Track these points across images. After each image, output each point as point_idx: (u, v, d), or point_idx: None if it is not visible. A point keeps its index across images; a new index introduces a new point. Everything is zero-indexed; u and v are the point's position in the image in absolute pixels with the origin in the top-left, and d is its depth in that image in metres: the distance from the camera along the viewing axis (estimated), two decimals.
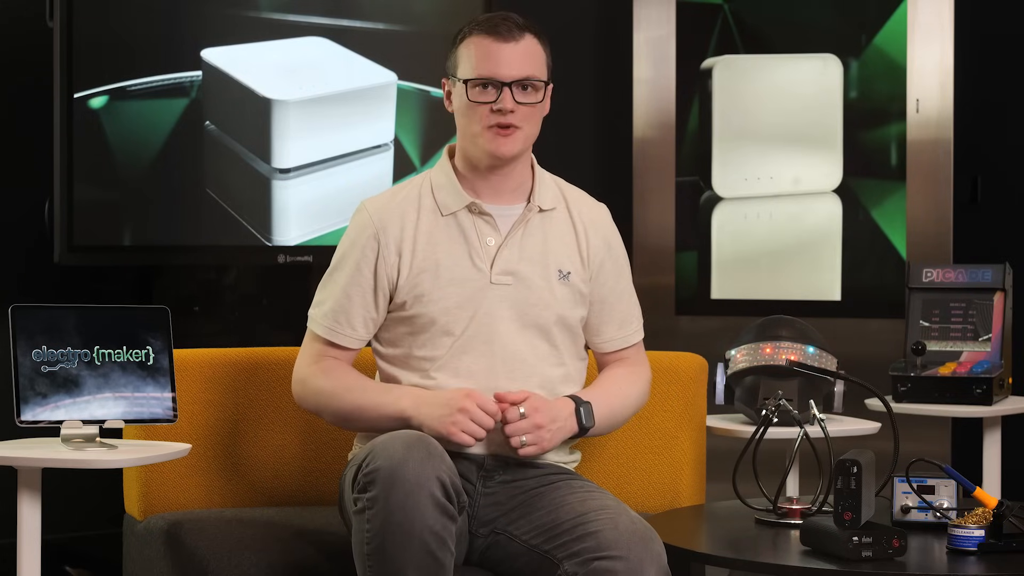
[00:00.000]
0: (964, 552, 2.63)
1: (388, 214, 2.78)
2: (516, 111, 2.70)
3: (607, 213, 2.89)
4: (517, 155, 2.75)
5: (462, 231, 2.76)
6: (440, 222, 2.77)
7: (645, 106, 4.60)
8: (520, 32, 2.72)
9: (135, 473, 3.11)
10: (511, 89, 2.70)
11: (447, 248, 2.75)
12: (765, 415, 3.02)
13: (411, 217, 2.77)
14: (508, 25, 2.72)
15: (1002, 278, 3.68)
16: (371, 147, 4.24)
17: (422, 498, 2.42)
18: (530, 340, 2.75)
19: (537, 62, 2.74)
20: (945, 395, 3.57)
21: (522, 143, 2.74)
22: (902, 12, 4.37)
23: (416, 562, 2.42)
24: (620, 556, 2.48)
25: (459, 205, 2.77)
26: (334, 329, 2.78)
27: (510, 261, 2.75)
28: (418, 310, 2.73)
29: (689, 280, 4.57)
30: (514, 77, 2.70)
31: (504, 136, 2.71)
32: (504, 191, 2.78)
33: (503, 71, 2.70)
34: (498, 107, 2.70)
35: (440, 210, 2.77)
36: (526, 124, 2.73)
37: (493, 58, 2.70)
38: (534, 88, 2.72)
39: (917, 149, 4.37)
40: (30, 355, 2.72)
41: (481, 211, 2.76)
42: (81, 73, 3.83)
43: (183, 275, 4.23)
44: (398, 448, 2.46)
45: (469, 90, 2.72)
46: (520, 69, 2.70)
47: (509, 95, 2.70)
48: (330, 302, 2.79)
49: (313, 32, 4.17)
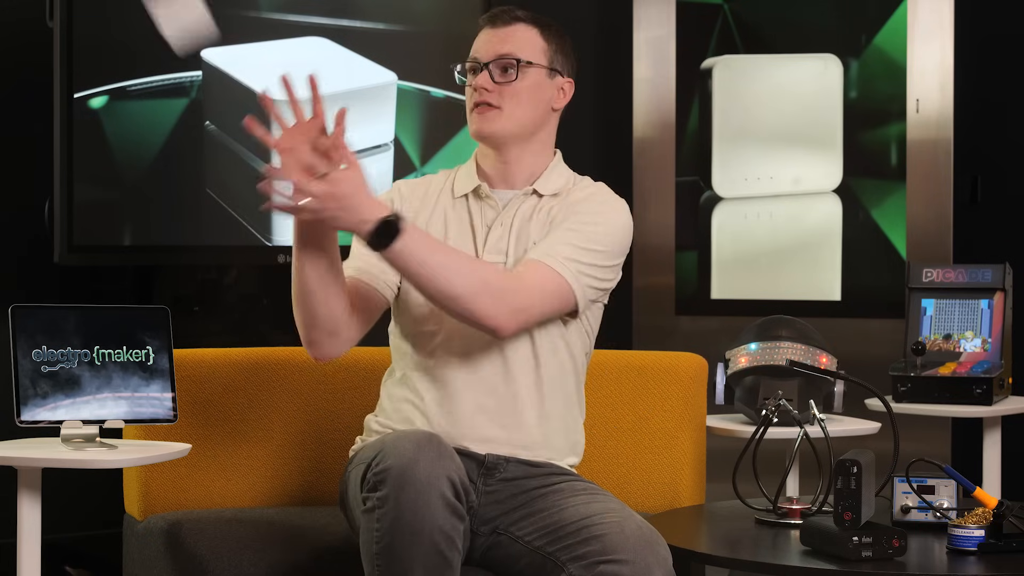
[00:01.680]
0: (964, 552, 2.63)
1: (412, 189, 2.86)
2: (493, 90, 2.75)
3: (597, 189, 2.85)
4: (499, 135, 2.78)
5: (468, 212, 2.82)
6: (454, 204, 2.83)
7: (645, 106, 4.60)
8: (512, 19, 2.80)
9: (135, 473, 3.11)
10: (489, 69, 2.76)
11: (455, 228, 2.80)
12: (765, 415, 3.02)
13: (432, 196, 2.84)
14: (504, 15, 2.80)
15: (1002, 278, 3.68)
16: (371, 147, 4.24)
17: (433, 498, 2.41)
18: None
19: (521, 44, 2.78)
20: (945, 395, 3.57)
21: (502, 123, 2.77)
22: (902, 12, 4.37)
23: (425, 561, 2.42)
24: (627, 560, 2.48)
25: (468, 188, 2.83)
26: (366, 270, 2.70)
27: (501, 241, 2.78)
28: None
29: (689, 280, 4.57)
30: (490, 57, 2.77)
31: (482, 114, 2.76)
32: (514, 178, 2.83)
33: (482, 51, 2.78)
34: (473, 85, 2.77)
35: (454, 193, 2.83)
36: (506, 104, 2.76)
37: (480, 42, 2.80)
38: (515, 69, 2.76)
39: (917, 149, 4.37)
40: (30, 355, 2.72)
41: (486, 195, 2.81)
42: (81, 73, 3.83)
43: (183, 275, 4.22)
44: (409, 447, 2.45)
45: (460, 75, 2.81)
46: (498, 49, 2.77)
47: (486, 75, 2.76)
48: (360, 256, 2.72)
49: (313, 32, 4.17)
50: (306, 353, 3.20)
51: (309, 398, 3.19)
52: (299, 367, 3.18)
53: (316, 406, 3.18)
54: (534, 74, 2.78)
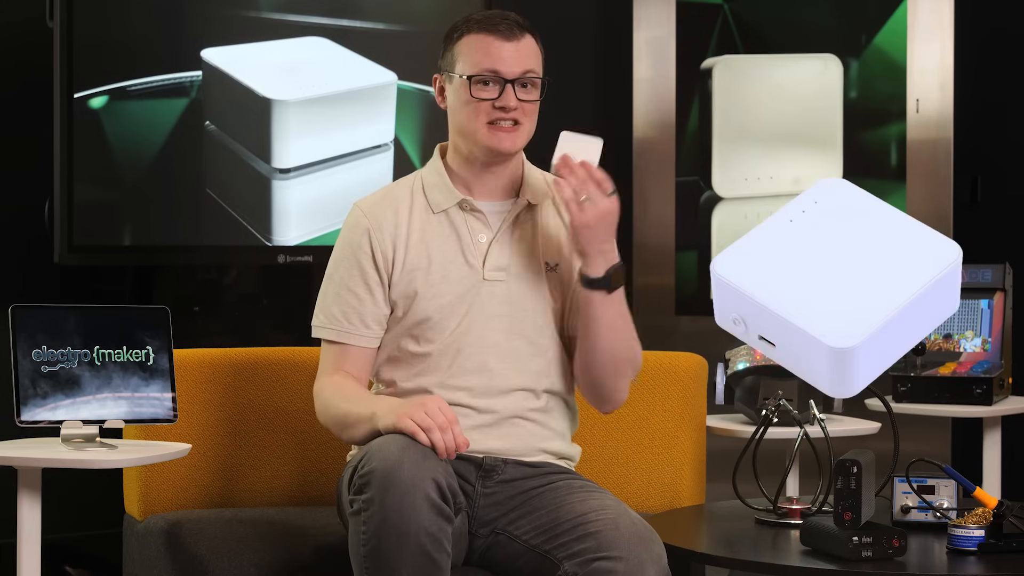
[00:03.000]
0: (964, 552, 2.63)
1: (381, 211, 2.78)
2: (518, 107, 2.73)
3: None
4: (518, 150, 2.78)
5: (454, 228, 2.77)
6: (432, 220, 2.77)
7: (645, 106, 4.60)
8: (520, 31, 2.75)
9: (135, 473, 3.11)
10: (513, 86, 2.72)
11: (439, 245, 2.76)
12: (765, 415, 3.02)
13: (404, 215, 2.78)
14: (508, 24, 2.75)
15: (1002, 278, 3.68)
16: (371, 147, 4.24)
17: (417, 499, 2.41)
18: (523, 334, 2.75)
19: (536, 59, 2.77)
20: (945, 395, 3.57)
21: (523, 139, 2.77)
22: (902, 12, 4.37)
23: (412, 563, 2.42)
24: (620, 557, 2.48)
25: (450, 202, 2.77)
26: (346, 330, 2.76)
27: (502, 257, 2.76)
28: (411, 307, 2.74)
29: (689, 280, 4.57)
30: (516, 74, 2.73)
31: (507, 132, 2.73)
32: (496, 188, 2.80)
33: (506, 68, 2.72)
34: (501, 104, 2.72)
35: (431, 208, 2.78)
36: (527, 120, 2.76)
37: (495, 55, 2.73)
38: (533, 85, 2.75)
39: (917, 149, 4.37)
40: (30, 355, 2.72)
41: (472, 208, 2.77)
42: (81, 73, 3.83)
43: (183, 275, 4.23)
44: (393, 450, 2.46)
45: (473, 86, 2.73)
46: (522, 65, 2.73)
47: (512, 92, 2.72)
48: (336, 305, 2.76)
49: (313, 32, 4.17)
50: (306, 353, 3.21)
51: (309, 398, 3.18)
52: (299, 367, 3.18)
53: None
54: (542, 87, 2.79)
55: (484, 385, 2.72)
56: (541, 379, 2.76)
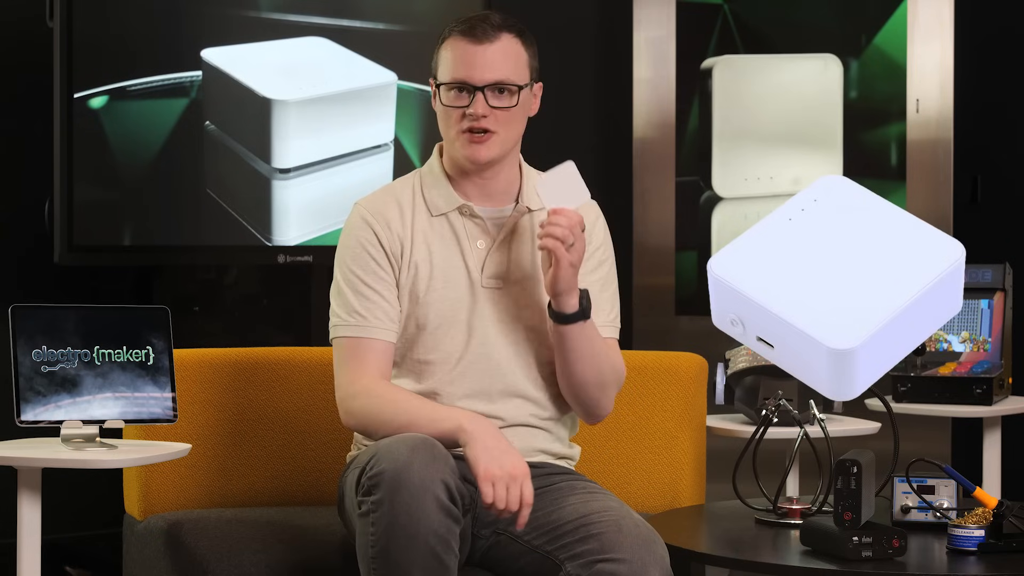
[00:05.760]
0: (964, 552, 2.63)
1: (383, 208, 2.75)
2: (489, 115, 2.66)
3: (593, 207, 2.86)
4: (494, 160, 2.71)
5: (454, 233, 2.75)
6: (432, 222, 2.75)
7: (645, 106, 4.60)
8: (496, 32, 2.66)
9: (135, 473, 3.11)
10: (484, 93, 2.66)
11: (440, 249, 2.74)
12: (765, 415, 3.02)
13: (407, 214, 2.75)
14: (484, 26, 2.67)
15: (1002, 278, 3.68)
16: (371, 147, 4.24)
17: (427, 501, 2.41)
18: (520, 341, 2.75)
19: (513, 64, 2.68)
20: (945, 395, 3.57)
21: (499, 148, 2.70)
22: (902, 12, 4.37)
23: (421, 565, 2.41)
24: (623, 559, 2.48)
25: (450, 207, 2.75)
26: (372, 325, 2.69)
27: (500, 265, 2.75)
28: (411, 310, 2.73)
29: (689, 280, 4.57)
30: (487, 81, 2.65)
31: (478, 142, 2.67)
32: (493, 193, 2.76)
33: (476, 75, 2.66)
34: (470, 111, 2.66)
35: (430, 211, 2.76)
36: (502, 128, 2.68)
37: (467, 61, 2.66)
38: (509, 92, 2.68)
39: (917, 149, 4.38)
40: (30, 355, 2.72)
41: (472, 213, 2.75)
42: (81, 73, 3.83)
43: (183, 275, 4.23)
44: (403, 451, 2.45)
45: (443, 94, 2.69)
46: (493, 73, 2.66)
47: (482, 100, 2.66)
48: (357, 301, 2.70)
49: (313, 32, 4.17)
50: (306, 353, 3.21)
51: (309, 398, 3.19)
52: (299, 367, 3.18)
53: (316, 406, 3.18)
54: (524, 93, 2.71)
55: (484, 391, 2.71)
56: (540, 384, 2.76)
